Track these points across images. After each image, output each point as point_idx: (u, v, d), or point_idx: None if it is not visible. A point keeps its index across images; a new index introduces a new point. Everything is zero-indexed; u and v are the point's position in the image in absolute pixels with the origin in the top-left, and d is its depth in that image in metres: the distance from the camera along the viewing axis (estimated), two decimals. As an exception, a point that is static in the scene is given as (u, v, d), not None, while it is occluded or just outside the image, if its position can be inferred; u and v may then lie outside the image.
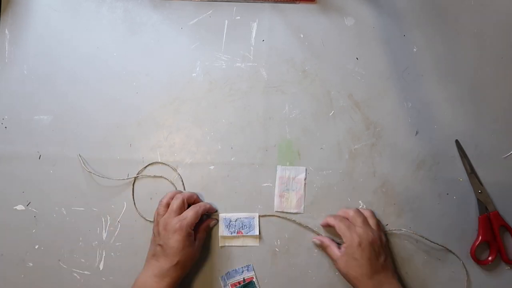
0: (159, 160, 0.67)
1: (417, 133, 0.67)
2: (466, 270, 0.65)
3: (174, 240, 0.58)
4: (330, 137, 0.67)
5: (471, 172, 0.66)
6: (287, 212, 0.65)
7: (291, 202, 0.65)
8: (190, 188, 0.66)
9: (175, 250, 0.58)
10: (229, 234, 0.65)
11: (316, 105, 0.68)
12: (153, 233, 0.61)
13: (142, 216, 0.65)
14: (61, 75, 0.68)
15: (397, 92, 0.68)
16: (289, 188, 0.66)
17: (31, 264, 0.65)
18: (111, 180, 0.66)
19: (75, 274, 0.65)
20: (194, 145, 0.67)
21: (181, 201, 0.61)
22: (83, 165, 0.66)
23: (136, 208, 0.66)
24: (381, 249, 0.60)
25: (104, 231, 0.66)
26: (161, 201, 0.62)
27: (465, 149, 0.66)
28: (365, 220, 0.61)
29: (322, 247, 0.63)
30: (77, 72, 0.68)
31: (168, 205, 0.62)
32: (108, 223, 0.66)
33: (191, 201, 0.63)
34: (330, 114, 0.68)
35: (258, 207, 0.66)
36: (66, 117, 0.67)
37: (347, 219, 0.62)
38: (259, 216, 0.65)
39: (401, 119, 0.67)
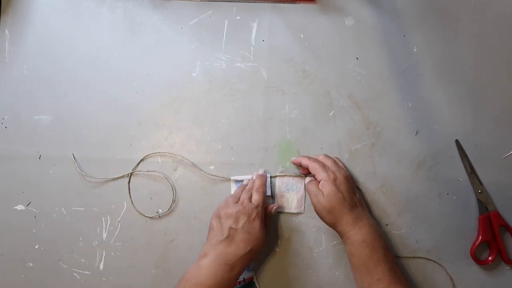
0: (159, 161, 0.66)
1: (417, 133, 0.67)
2: (450, 277, 0.65)
3: (255, 225, 0.58)
4: (330, 137, 0.67)
5: (471, 172, 0.66)
6: (288, 213, 0.65)
7: (292, 203, 0.65)
8: (190, 189, 0.66)
9: (251, 236, 0.57)
10: None
11: (316, 105, 0.68)
12: (219, 216, 0.59)
13: (140, 213, 0.65)
14: (61, 75, 0.68)
15: (397, 92, 0.68)
16: (289, 189, 0.66)
17: (31, 264, 0.65)
18: (111, 180, 0.66)
19: (75, 274, 0.65)
20: (194, 145, 0.67)
21: (250, 194, 0.62)
22: (77, 167, 0.66)
23: (134, 205, 0.66)
24: (354, 186, 0.62)
25: (104, 231, 0.66)
26: (230, 195, 0.63)
27: (465, 149, 0.66)
28: (334, 162, 0.63)
29: (309, 183, 0.62)
30: (77, 72, 0.68)
31: (237, 198, 0.62)
32: (108, 223, 0.66)
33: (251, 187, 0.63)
34: (330, 114, 0.68)
35: (258, 207, 0.66)
36: (66, 117, 0.67)
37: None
38: (270, 176, 0.66)
39: (401, 119, 0.67)
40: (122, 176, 0.66)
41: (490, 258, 0.64)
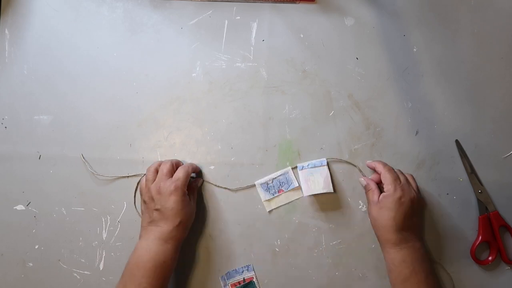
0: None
1: (417, 133, 0.67)
2: (450, 277, 0.65)
3: (172, 201, 0.58)
4: (330, 137, 0.67)
5: (471, 172, 0.66)
6: (316, 194, 0.65)
7: (318, 183, 0.65)
8: (190, 188, 0.66)
9: (175, 211, 0.58)
10: (271, 197, 0.65)
11: (316, 105, 0.68)
12: (144, 201, 0.61)
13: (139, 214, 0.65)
14: (61, 75, 0.68)
15: (397, 92, 0.68)
16: (312, 172, 0.65)
17: (31, 264, 0.65)
18: (111, 181, 0.66)
19: (75, 274, 0.65)
20: (194, 145, 0.67)
21: (170, 165, 0.61)
22: (86, 166, 0.66)
23: (136, 207, 0.66)
24: (417, 210, 0.61)
25: (104, 231, 0.66)
26: (148, 168, 0.62)
27: (465, 149, 0.66)
28: (407, 180, 0.62)
29: (366, 188, 0.63)
30: (77, 72, 0.68)
31: (156, 171, 0.61)
32: (108, 223, 0.66)
33: (179, 165, 0.63)
34: (330, 114, 0.68)
35: (258, 207, 0.66)
36: (66, 117, 0.68)
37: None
38: (291, 168, 0.66)
39: (401, 119, 0.67)
40: (136, 175, 0.66)
41: (490, 258, 0.64)
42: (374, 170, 0.64)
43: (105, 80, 0.68)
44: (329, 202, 0.66)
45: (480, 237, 0.64)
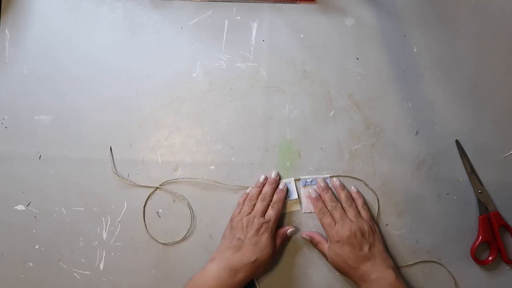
0: (159, 161, 0.66)
1: (417, 133, 0.67)
2: (452, 276, 0.65)
3: (257, 238, 0.59)
4: (330, 137, 0.67)
5: (471, 172, 0.66)
6: (312, 213, 0.65)
7: None
8: (191, 189, 0.66)
9: (257, 248, 0.58)
10: None
11: (316, 105, 0.68)
12: (231, 226, 0.61)
13: (151, 237, 0.65)
14: (61, 75, 0.68)
15: (397, 92, 0.68)
16: (315, 189, 0.65)
17: (31, 264, 0.65)
18: (111, 181, 0.66)
19: (75, 274, 0.65)
20: (194, 145, 0.67)
21: (266, 204, 0.63)
22: (112, 167, 0.66)
23: (144, 220, 0.66)
24: (363, 239, 0.60)
25: (104, 231, 0.66)
26: (249, 198, 0.63)
27: (465, 149, 0.66)
28: (343, 214, 0.62)
29: (312, 243, 0.64)
30: (77, 72, 0.68)
31: (253, 205, 0.63)
32: (108, 223, 0.66)
33: (273, 188, 0.64)
34: (330, 114, 0.68)
35: (258, 207, 0.66)
36: (66, 117, 0.68)
37: (328, 210, 0.63)
38: (294, 180, 0.66)
39: (401, 119, 0.67)
40: (150, 187, 0.66)
41: (490, 258, 0.64)
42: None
43: (105, 80, 0.68)
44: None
45: (480, 237, 0.64)
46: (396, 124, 0.67)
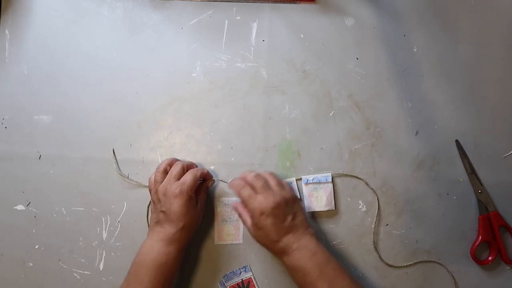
0: (159, 160, 0.66)
1: (417, 133, 0.67)
2: (452, 276, 0.65)
3: (177, 205, 0.57)
4: (330, 137, 0.67)
5: (471, 172, 0.66)
6: (319, 211, 0.65)
7: (321, 201, 0.65)
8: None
9: (179, 215, 0.57)
10: None
11: (316, 105, 0.68)
12: (152, 200, 0.61)
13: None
14: (61, 75, 0.68)
15: (397, 92, 0.68)
16: (316, 187, 0.66)
17: (31, 264, 0.65)
18: (112, 181, 0.66)
19: (75, 274, 0.65)
20: (194, 145, 0.67)
21: (180, 168, 0.60)
22: (116, 168, 0.66)
23: (147, 219, 0.66)
24: (287, 209, 0.58)
25: (104, 231, 0.66)
26: (158, 167, 0.61)
27: (465, 149, 0.66)
28: (265, 184, 0.59)
29: (237, 214, 0.62)
30: (77, 72, 0.68)
31: (165, 172, 0.61)
32: (108, 223, 0.66)
33: (190, 168, 0.63)
34: (330, 114, 0.68)
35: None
36: (66, 117, 0.67)
37: (248, 184, 0.59)
38: (296, 179, 0.66)
39: (401, 119, 0.67)
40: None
41: (490, 258, 0.64)
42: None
43: (105, 80, 0.68)
44: (327, 211, 0.66)
45: (480, 237, 0.64)
46: (396, 124, 0.67)
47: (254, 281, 0.64)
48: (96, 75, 0.68)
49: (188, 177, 0.59)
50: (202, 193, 0.63)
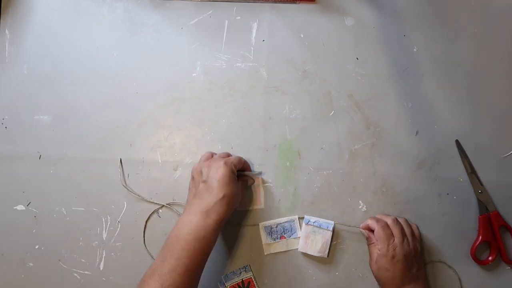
0: (159, 161, 0.66)
1: (417, 133, 0.67)
2: (459, 276, 0.65)
3: (220, 174, 0.57)
4: (330, 137, 0.67)
5: (471, 172, 0.66)
6: (310, 255, 0.64)
7: (316, 245, 0.64)
8: (190, 188, 0.66)
9: (221, 183, 0.56)
10: (272, 241, 0.65)
11: (316, 105, 0.68)
12: (193, 176, 0.61)
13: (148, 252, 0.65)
14: (61, 75, 0.68)
15: (397, 92, 0.68)
16: (315, 231, 0.65)
17: (31, 264, 0.65)
18: (112, 181, 0.66)
19: (75, 274, 0.65)
20: (195, 145, 0.67)
21: (225, 153, 0.64)
22: (120, 178, 0.66)
23: (145, 245, 0.66)
24: (414, 260, 0.60)
25: (104, 231, 0.66)
26: (204, 154, 0.64)
27: (465, 149, 0.66)
28: (402, 230, 0.61)
29: (368, 241, 0.63)
30: (77, 72, 0.68)
31: (212, 155, 0.63)
32: (108, 223, 0.66)
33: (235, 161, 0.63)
34: (330, 114, 0.68)
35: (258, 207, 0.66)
36: (66, 117, 0.68)
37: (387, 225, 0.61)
38: (298, 218, 0.65)
39: (401, 119, 0.67)
40: (157, 203, 0.66)
41: (490, 258, 0.64)
42: (369, 229, 0.63)
43: (105, 80, 0.68)
44: (329, 202, 0.66)
45: (480, 237, 0.64)
46: (396, 124, 0.67)
47: (254, 281, 0.64)
48: (96, 75, 0.68)
49: (233, 157, 0.62)
50: (243, 180, 0.64)
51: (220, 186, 0.56)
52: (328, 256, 0.64)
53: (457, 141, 0.67)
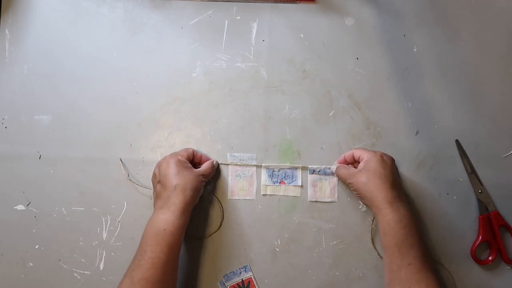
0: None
1: (417, 133, 0.67)
2: (453, 277, 0.65)
3: (167, 167, 0.59)
4: (330, 137, 0.67)
5: (471, 172, 0.66)
6: (321, 202, 0.65)
7: (325, 191, 0.65)
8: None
9: (171, 175, 0.58)
10: (271, 184, 0.66)
11: (316, 105, 0.68)
12: (152, 182, 0.63)
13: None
14: (61, 75, 0.68)
15: (397, 92, 0.68)
16: (321, 178, 0.66)
17: (31, 264, 0.65)
18: (111, 181, 0.66)
19: (75, 274, 0.65)
20: (194, 145, 0.67)
21: (184, 150, 0.64)
22: (123, 172, 0.66)
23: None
24: (397, 170, 0.62)
25: (104, 231, 0.66)
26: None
27: (465, 149, 0.66)
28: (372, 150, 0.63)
29: (337, 170, 0.64)
30: (77, 72, 0.68)
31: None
32: (108, 223, 0.66)
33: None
34: (330, 114, 0.68)
35: (259, 207, 0.66)
36: (66, 117, 0.68)
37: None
38: (301, 167, 0.66)
39: (401, 119, 0.67)
40: None
41: (490, 258, 0.64)
42: (351, 160, 0.65)
43: (105, 80, 0.68)
44: (329, 202, 0.66)
45: (480, 237, 0.64)
46: (396, 124, 0.67)
47: (254, 281, 0.64)
48: (96, 75, 0.68)
49: (183, 149, 0.64)
50: (204, 164, 0.64)
51: (171, 178, 0.58)
52: (338, 200, 0.66)
53: (457, 141, 0.67)
